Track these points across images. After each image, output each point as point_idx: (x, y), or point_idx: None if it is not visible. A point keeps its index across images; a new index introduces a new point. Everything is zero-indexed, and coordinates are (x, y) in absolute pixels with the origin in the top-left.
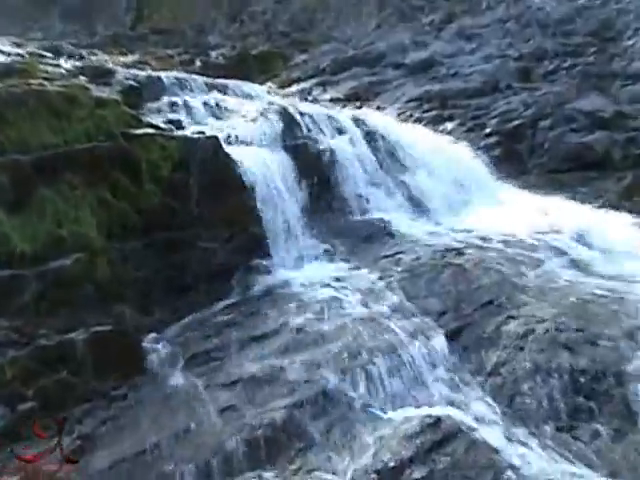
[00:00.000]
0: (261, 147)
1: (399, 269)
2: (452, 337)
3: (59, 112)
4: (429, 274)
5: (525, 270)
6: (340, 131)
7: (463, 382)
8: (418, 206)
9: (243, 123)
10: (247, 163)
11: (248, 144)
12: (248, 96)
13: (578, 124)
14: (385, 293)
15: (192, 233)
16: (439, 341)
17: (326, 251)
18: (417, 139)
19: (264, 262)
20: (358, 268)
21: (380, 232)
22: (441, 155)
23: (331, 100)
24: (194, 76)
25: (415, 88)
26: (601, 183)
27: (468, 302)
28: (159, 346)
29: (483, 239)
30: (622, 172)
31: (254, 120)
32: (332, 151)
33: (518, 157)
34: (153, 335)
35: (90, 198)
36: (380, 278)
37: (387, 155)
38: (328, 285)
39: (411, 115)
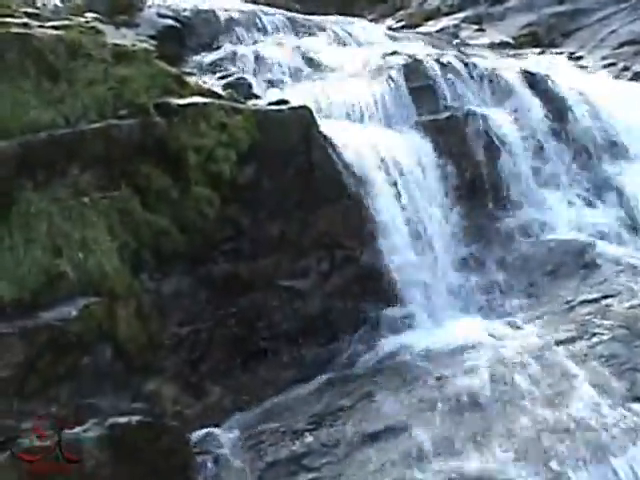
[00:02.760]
0: (380, 125)
1: (608, 323)
2: None
3: (55, 71)
4: None
5: None
6: (507, 96)
7: None
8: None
9: (350, 86)
10: (358, 151)
11: (359, 120)
12: (357, 41)
13: None
14: (585, 364)
15: (269, 264)
16: None
17: (489, 293)
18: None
19: (388, 312)
20: (539, 321)
21: (574, 262)
22: None
23: (492, 46)
24: (268, 9)
25: (633, 23)
26: None
27: None
28: (217, 447)
29: None
30: None
31: (368, 81)
32: (495, 130)
33: None
34: (207, 430)
35: (106, 208)
36: (575, 338)
37: (586, 137)
38: (490, 349)
39: (626, 68)
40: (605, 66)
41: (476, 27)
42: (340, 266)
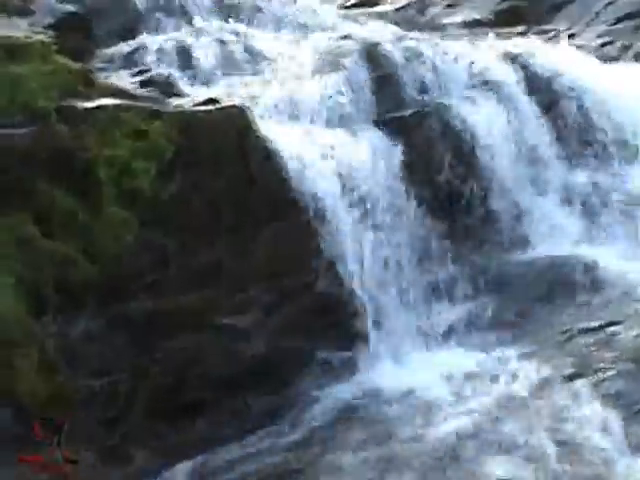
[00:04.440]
0: (333, 125)
1: (613, 356)
2: None
3: None
4: None
5: None
6: (487, 86)
7: None
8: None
9: (295, 80)
10: (306, 158)
11: (307, 121)
12: (302, 25)
13: None
14: (588, 405)
15: (200, 299)
16: None
17: (469, 324)
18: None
19: (347, 352)
20: (531, 356)
21: (571, 283)
22: None
23: (465, 25)
24: None
25: None
26: None
27: None
28: None
29: None
30: None
31: (316, 72)
32: (472, 129)
33: None
34: None
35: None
36: (575, 375)
37: (585, 133)
38: (473, 390)
39: (626, 47)
40: (602, 45)
41: (446, 3)
42: (289, 298)
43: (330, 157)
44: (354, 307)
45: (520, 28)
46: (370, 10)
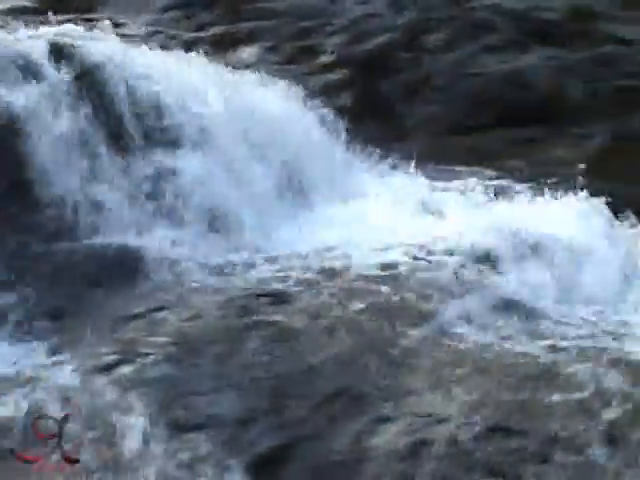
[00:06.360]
0: None
1: (160, 340)
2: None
3: None
4: (220, 345)
5: (403, 326)
6: (32, 75)
7: None
8: (194, 216)
9: None
10: None
11: None
12: None
13: (499, 37)
14: (132, 391)
15: None
16: None
17: (5, 312)
18: (184, 82)
19: None
20: (75, 345)
21: (121, 269)
22: (237, 112)
23: (11, 12)
24: None
25: None
26: (546, 149)
27: (298, 394)
28: None
29: (327, 271)
30: (586, 126)
31: None
32: (14, 116)
33: (385, 106)
34: None
35: None
36: (121, 361)
37: (128, 119)
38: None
39: (174, 37)
40: (150, 35)
41: None
42: None
43: None
44: None
45: (67, 16)
46: None
